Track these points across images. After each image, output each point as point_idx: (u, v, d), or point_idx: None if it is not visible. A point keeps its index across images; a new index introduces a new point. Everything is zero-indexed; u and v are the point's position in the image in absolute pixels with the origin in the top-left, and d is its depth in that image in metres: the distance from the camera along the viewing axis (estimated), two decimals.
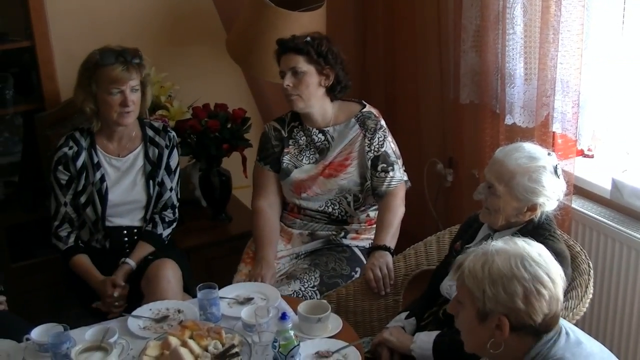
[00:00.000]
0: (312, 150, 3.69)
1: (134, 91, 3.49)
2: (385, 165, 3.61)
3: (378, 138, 3.61)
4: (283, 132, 3.73)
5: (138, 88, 3.51)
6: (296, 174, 3.68)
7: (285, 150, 3.70)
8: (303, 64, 3.53)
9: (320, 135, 3.67)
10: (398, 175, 3.64)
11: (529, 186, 2.80)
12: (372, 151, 3.61)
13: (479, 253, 2.24)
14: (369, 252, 3.57)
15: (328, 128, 3.66)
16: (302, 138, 3.70)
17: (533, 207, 2.85)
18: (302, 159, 3.69)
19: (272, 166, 3.73)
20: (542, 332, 2.20)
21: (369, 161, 3.61)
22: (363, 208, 3.71)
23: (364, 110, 3.68)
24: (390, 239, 3.53)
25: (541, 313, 2.16)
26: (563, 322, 2.28)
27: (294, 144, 3.71)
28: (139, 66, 3.49)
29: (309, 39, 3.56)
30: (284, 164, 3.69)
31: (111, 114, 3.49)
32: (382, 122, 3.67)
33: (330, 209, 3.68)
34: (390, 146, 3.66)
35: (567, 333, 2.24)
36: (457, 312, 2.30)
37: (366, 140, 3.61)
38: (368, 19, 4.82)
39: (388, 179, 3.61)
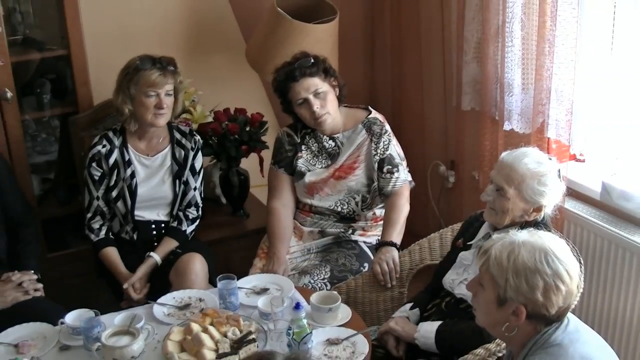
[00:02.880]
0: (324, 155, 3.68)
1: (168, 95, 3.51)
2: (390, 167, 3.60)
3: (383, 142, 3.60)
4: (296, 137, 3.72)
5: (171, 93, 3.53)
6: (309, 177, 3.67)
7: (299, 155, 3.69)
8: (321, 84, 3.52)
9: (330, 142, 3.66)
10: (402, 176, 3.62)
11: (538, 189, 2.80)
12: (378, 154, 3.60)
13: (506, 242, 2.22)
14: (376, 247, 3.56)
15: (337, 134, 3.66)
16: (314, 144, 3.69)
17: (539, 208, 2.85)
18: (315, 164, 3.68)
19: (286, 169, 3.72)
20: (554, 321, 2.20)
21: (376, 163, 3.60)
22: (370, 207, 3.69)
23: (370, 116, 3.67)
24: (397, 236, 3.52)
25: (557, 306, 2.16)
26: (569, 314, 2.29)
27: (306, 149, 3.70)
28: (173, 73, 3.52)
29: (312, 60, 3.54)
30: (298, 168, 3.69)
31: (146, 115, 3.51)
32: (387, 127, 3.65)
33: (339, 208, 3.67)
34: (395, 149, 3.65)
35: (567, 321, 2.24)
36: (475, 291, 2.30)
37: (372, 144, 3.60)
38: (377, 31, 4.81)
39: (393, 179, 3.60)
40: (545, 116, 3.43)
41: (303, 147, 3.70)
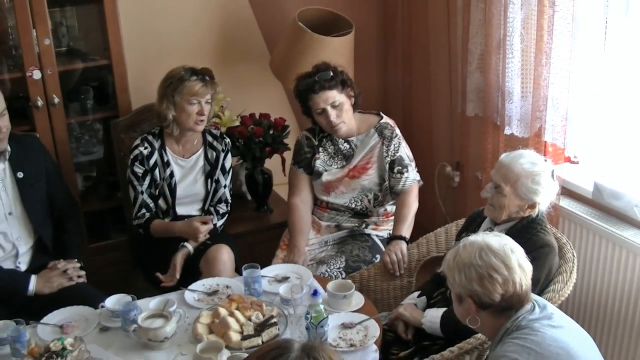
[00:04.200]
0: (339, 156, 3.69)
1: (208, 103, 3.54)
2: (400, 168, 3.61)
3: (394, 145, 3.61)
4: (314, 140, 3.73)
5: (210, 101, 3.55)
6: (326, 176, 3.68)
7: (316, 156, 3.70)
8: (338, 96, 3.53)
9: (345, 144, 3.67)
10: (411, 175, 3.63)
11: (532, 187, 2.81)
12: (389, 156, 3.61)
13: (455, 247, 2.33)
14: (388, 240, 3.57)
15: (352, 138, 3.66)
16: (330, 147, 3.70)
17: (532, 205, 2.86)
18: (332, 164, 3.69)
19: (305, 169, 3.74)
20: (507, 309, 2.24)
21: (387, 164, 3.61)
22: (381, 204, 3.71)
23: (382, 121, 3.67)
24: (406, 230, 3.53)
25: (496, 293, 2.21)
26: (540, 300, 2.32)
27: (323, 151, 3.71)
28: (212, 83, 3.54)
29: (331, 73, 3.54)
30: (316, 168, 3.70)
31: (188, 121, 3.53)
32: (397, 131, 3.66)
33: (353, 205, 3.68)
34: (405, 151, 3.65)
35: (542, 307, 2.27)
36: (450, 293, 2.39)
37: (384, 147, 3.61)
38: (389, 43, 4.81)
39: (403, 179, 3.61)
40: (543, 122, 3.43)
41: (320, 149, 3.71)
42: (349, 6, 4.47)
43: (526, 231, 2.85)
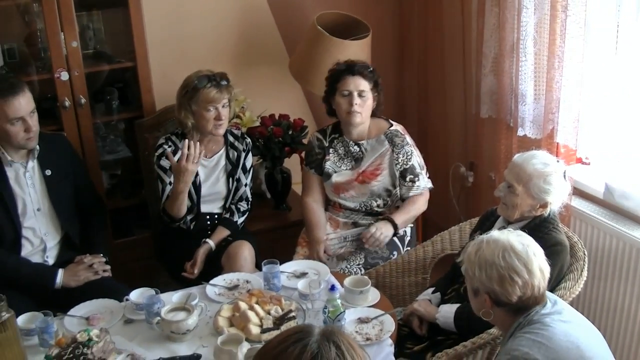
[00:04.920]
0: (349, 158, 3.69)
1: (225, 107, 3.53)
2: (412, 177, 3.61)
3: (406, 153, 3.60)
4: (325, 141, 3.73)
5: (227, 104, 3.54)
6: (335, 178, 3.68)
7: (327, 157, 3.71)
8: (368, 89, 3.54)
9: (355, 147, 3.67)
10: (422, 183, 3.63)
11: (543, 187, 2.81)
12: (400, 164, 3.60)
13: (477, 241, 2.32)
14: (381, 219, 3.58)
15: (362, 141, 3.66)
16: (340, 148, 3.70)
17: (544, 205, 2.86)
18: (341, 166, 3.69)
19: (316, 170, 3.74)
20: (521, 309, 2.24)
21: (398, 172, 3.60)
22: (389, 208, 3.69)
23: (392, 128, 3.66)
24: (401, 219, 3.56)
25: (514, 295, 2.21)
26: (551, 296, 2.32)
27: (334, 153, 3.71)
28: (227, 87, 3.52)
29: (371, 68, 3.57)
30: (326, 169, 3.70)
31: (208, 127, 3.52)
32: (407, 138, 3.65)
33: (364, 209, 3.69)
34: (416, 159, 3.64)
35: (553, 302, 2.27)
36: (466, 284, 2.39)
37: (394, 155, 3.60)
38: (405, 47, 4.82)
39: (415, 187, 3.61)
40: (555, 123, 3.42)
41: (331, 150, 3.71)
42: (366, 10, 4.48)
43: (539, 230, 2.84)
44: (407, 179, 3.61)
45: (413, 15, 4.62)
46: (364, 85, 3.53)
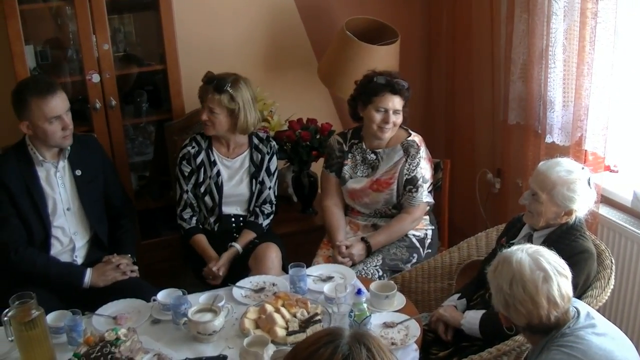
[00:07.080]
0: (366, 165, 3.69)
1: (213, 112, 3.57)
2: (411, 187, 3.60)
3: (414, 163, 3.60)
4: (344, 145, 3.74)
5: (216, 111, 3.57)
6: (351, 184, 3.69)
7: (346, 162, 3.72)
8: (401, 107, 3.56)
9: (372, 155, 3.67)
10: (420, 197, 3.62)
11: (567, 195, 2.79)
12: (405, 173, 3.61)
13: (499, 257, 2.32)
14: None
15: (379, 150, 3.66)
16: (358, 154, 3.71)
17: (569, 212, 2.83)
18: (357, 172, 3.70)
19: (336, 173, 3.75)
20: (536, 333, 2.26)
21: (404, 180, 3.62)
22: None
23: (409, 138, 3.66)
24: (377, 240, 3.58)
25: (521, 322, 2.24)
26: (583, 307, 2.30)
27: (352, 158, 3.72)
28: (221, 91, 3.56)
29: (407, 86, 3.57)
30: (343, 174, 3.71)
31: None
32: (422, 151, 3.64)
33: (379, 215, 3.70)
34: (421, 171, 3.63)
35: (585, 315, 2.25)
36: None
37: (406, 165, 3.61)
38: (433, 52, 4.82)
39: (411, 198, 3.61)
40: (583, 131, 3.40)
41: (349, 155, 3.72)
42: (395, 15, 4.48)
43: (565, 237, 2.83)
44: (407, 188, 3.61)
45: (441, 21, 4.62)
46: (400, 104, 3.55)
